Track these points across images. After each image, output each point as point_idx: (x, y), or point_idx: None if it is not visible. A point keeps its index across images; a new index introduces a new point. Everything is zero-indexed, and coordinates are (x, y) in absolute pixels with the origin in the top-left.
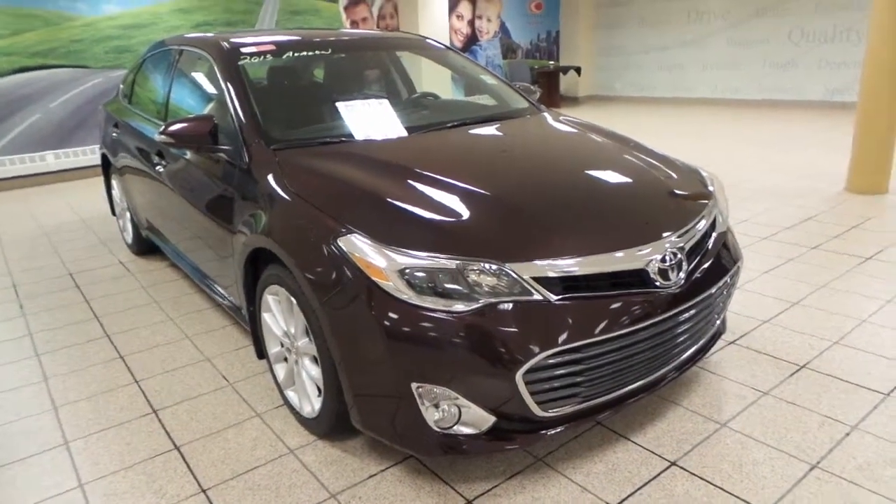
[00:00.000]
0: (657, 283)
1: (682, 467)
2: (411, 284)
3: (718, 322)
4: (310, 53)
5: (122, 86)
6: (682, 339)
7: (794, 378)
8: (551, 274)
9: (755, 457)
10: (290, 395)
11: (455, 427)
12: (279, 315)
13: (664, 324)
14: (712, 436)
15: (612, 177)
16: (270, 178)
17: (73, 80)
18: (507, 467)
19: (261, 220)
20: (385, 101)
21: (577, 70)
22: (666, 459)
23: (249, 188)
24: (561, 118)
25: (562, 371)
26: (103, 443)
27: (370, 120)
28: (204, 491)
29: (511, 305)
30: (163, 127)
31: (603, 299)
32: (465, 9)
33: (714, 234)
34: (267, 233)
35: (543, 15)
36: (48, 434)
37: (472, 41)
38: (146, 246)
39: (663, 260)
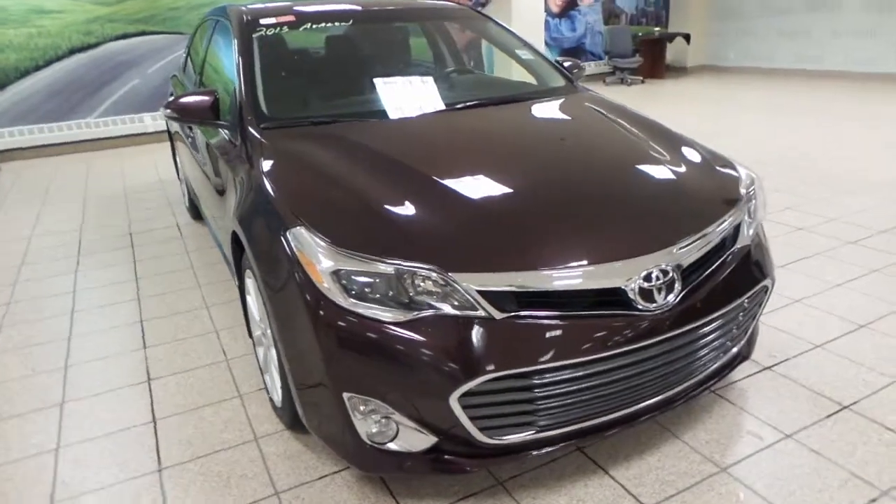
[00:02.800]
0: (638, 306)
1: None
2: (346, 288)
3: (736, 348)
4: (333, 25)
5: (183, 54)
6: (675, 368)
7: (831, 421)
8: (500, 288)
9: None
10: (267, 379)
11: (391, 444)
12: (255, 299)
13: (645, 351)
14: (705, 481)
15: (613, 175)
16: (251, 158)
17: (169, 47)
18: (463, 488)
19: (239, 203)
20: (399, 78)
21: (686, 37)
22: (640, 503)
23: (238, 167)
24: (591, 100)
25: (508, 398)
26: (92, 408)
27: (374, 98)
28: (160, 471)
29: (451, 320)
30: (168, 100)
31: (563, 321)
32: None
33: (734, 248)
34: (238, 217)
35: None
36: (52, 393)
37: (570, 6)
38: (197, 210)
39: (647, 278)
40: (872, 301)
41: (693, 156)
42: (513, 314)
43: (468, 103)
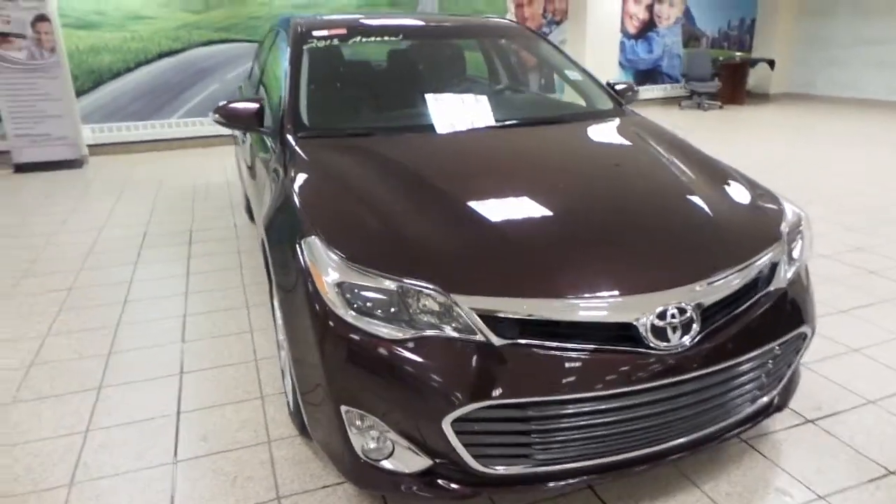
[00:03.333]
0: (649, 344)
1: None
2: (349, 302)
3: (767, 397)
4: (384, 39)
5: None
6: (692, 413)
7: (873, 486)
8: (502, 313)
9: None
10: (286, 383)
11: (385, 462)
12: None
13: (655, 393)
14: None
15: (642, 205)
16: (286, 166)
17: (248, 54)
18: None
19: (268, 209)
20: (440, 94)
21: (770, 63)
22: None
23: (275, 174)
24: (635, 124)
25: (504, 428)
26: (124, 395)
27: (413, 113)
28: (175, 463)
29: (449, 342)
30: (217, 106)
31: (566, 353)
32: None
33: (767, 290)
34: (265, 222)
35: (738, 0)
36: (92, 378)
37: (648, 27)
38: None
39: (661, 316)
40: None
41: (735, 190)
42: (513, 342)
43: (506, 122)
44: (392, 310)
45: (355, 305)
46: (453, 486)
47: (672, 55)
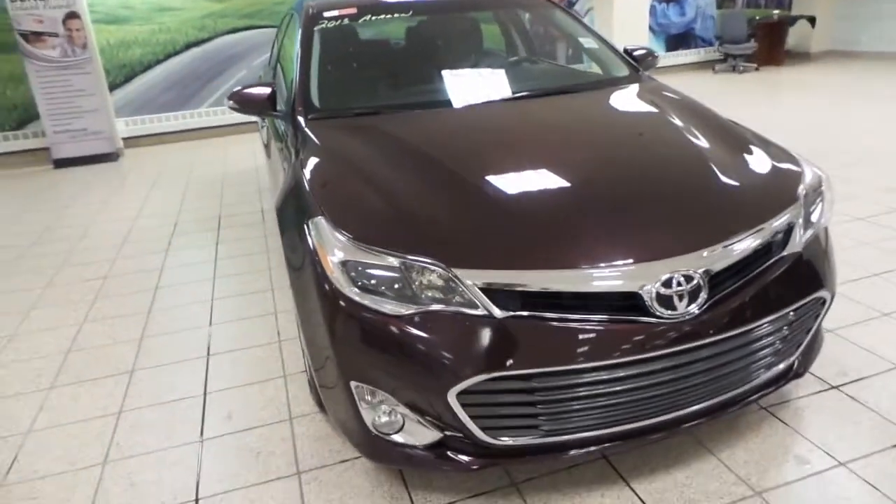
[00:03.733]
0: (655, 313)
1: None
2: (353, 279)
3: (784, 364)
4: (394, 16)
5: None
6: (704, 381)
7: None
8: (502, 286)
9: None
10: (307, 361)
11: (396, 435)
12: None
13: (664, 361)
14: None
15: (651, 172)
16: (296, 150)
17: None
18: (476, 484)
19: (281, 191)
20: (449, 69)
21: (811, 20)
22: None
23: (287, 157)
24: (651, 90)
25: (510, 399)
26: (154, 378)
27: (422, 89)
28: (202, 441)
29: (452, 316)
30: (231, 91)
31: (569, 324)
32: None
33: (781, 255)
34: (277, 204)
35: None
36: (125, 361)
37: None
38: None
39: (667, 284)
40: None
41: (751, 153)
42: (515, 314)
43: (517, 94)
44: (396, 286)
45: (360, 283)
46: (463, 457)
47: (706, 17)
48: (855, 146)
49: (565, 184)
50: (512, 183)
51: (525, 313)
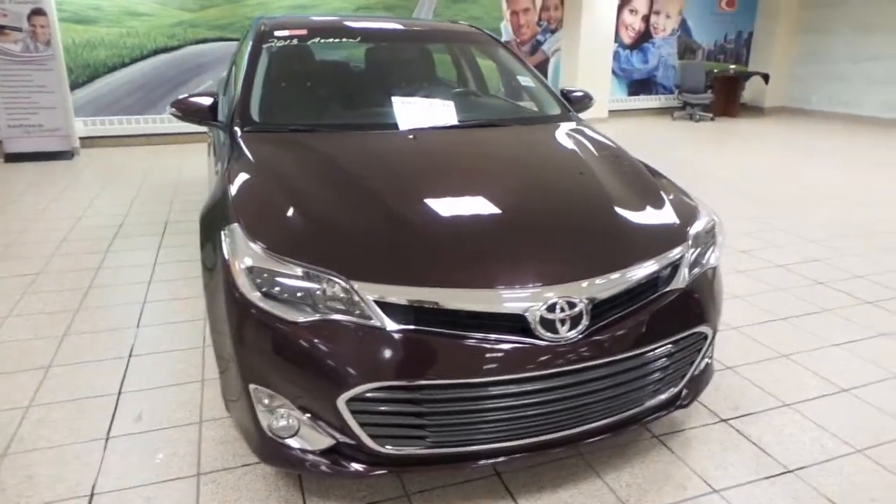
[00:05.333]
0: (539, 336)
1: None
2: (257, 285)
3: (666, 394)
4: (341, 41)
5: None
6: (583, 404)
7: (768, 482)
8: (396, 300)
9: None
10: None
11: (291, 439)
12: None
13: (545, 381)
14: None
15: (551, 204)
16: (227, 160)
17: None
18: (369, 493)
19: (207, 200)
20: (385, 95)
21: (765, 77)
22: None
23: (219, 167)
24: (577, 131)
25: (397, 409)
26: (70, 375)
27: (355, 112)
28: (107, 439)
29: (346, 326)
30: (174, 99)
31: (456, 340)
32: (640, 3)
33: (664, 290)
34: (202, 212)
35: (736, 13)
36: (42, 357)
37: (644, 38)
38: None
39: (551, 309)
40: (866, 365)
41: (651, 194)
42: (406, 327)
43: (448, 123)
44: (299, 294)
45: (264, 289)
46: (354, 464)
47: (667, 66)
48: (789, 196)
49: (472, 209)
50: (421, 205)
51: (416, 327)
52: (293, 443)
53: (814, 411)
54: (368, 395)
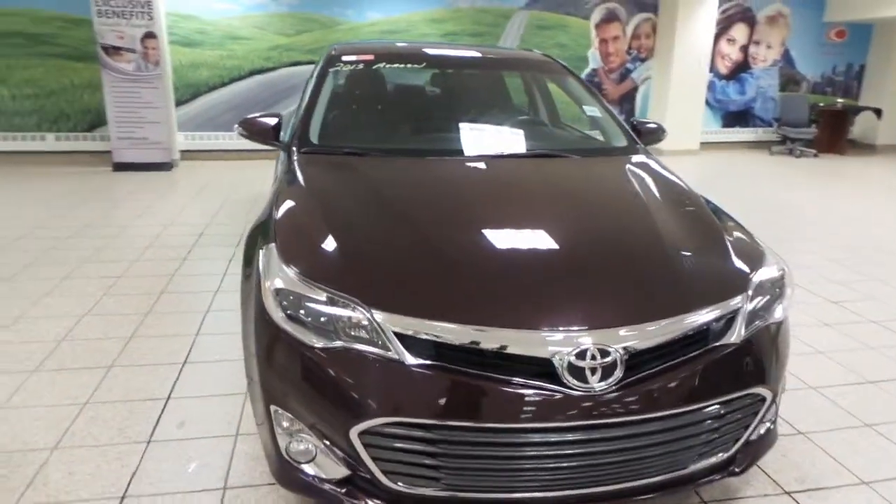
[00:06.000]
0: (567, 384)
1: None
2: (283, 306)
3: (715, 458)
4: (407, 66)
5: None
6: (618, 459)
7: None
8: (414, 333)
9: None
10: None
11: (307, 465)
12: None
13: (572, 433)
14: None
15: (599, 245)
16: (281, 179)
17: None
18: None
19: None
20: (445, 122)
21: (877, 112)
22: None
23: (274, 186)
24: (641, 165)
25: (411, 447)
26: (127, 376)
27: (411, 137)
28: (148, 442)
29: (365, 357)
30: (241, 119)
31: (476, 381)
32: (739, 32)
33: (716, 343)
34: (250, 230)
35: (845, 45)
36: (107, 357)
37: (742, 68)
38: None
39: (581, 356)
40: None
41: (713, 241)
42: (425, 363)
43: (506, 153)
44: (322, 319)
45: (289, 311)
46: (366, 498)
47: (766, 98)
48: (886, 247)
49: (511, 245)
50: (460, 238)
51: (435, 363)
52: (309, 469)
53: (894, 492)
54: (382, 429)
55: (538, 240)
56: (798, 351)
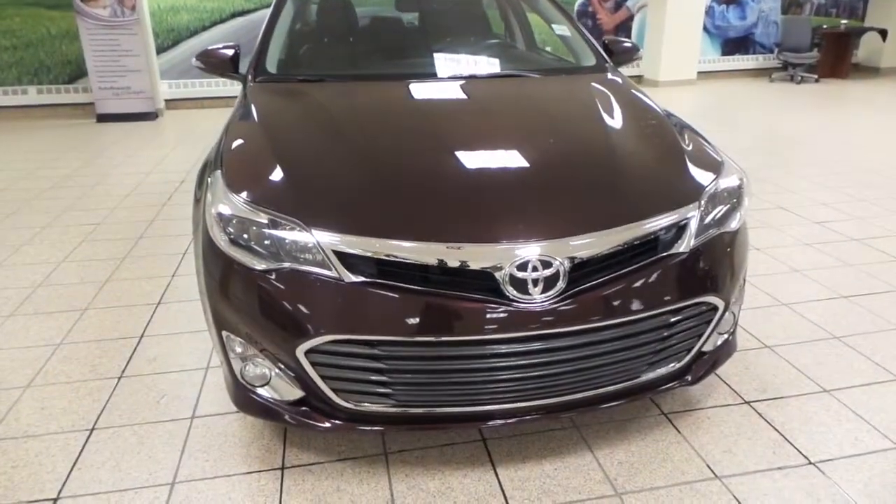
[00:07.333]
0: (509, 296)
1: None
2: (227, 232)
3: (666, 368)
4: None
5: None
6: (567, 369)
7: (781, 473)
8: (352, 251)
9: None
10: None
11: (262, 388)
12: None
13: (516, 344)
14: (590, 501)
15: (548, 159)
16: (235, 110)
17: None
18: (348, 449)
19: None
20: (408, 46)
21: (882, 33)
22: None
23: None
24: (605, 82)
25: (357, 364)
26: (102, 318)
27: (369, 61)
28: (119, 377)
29: (306, 276)
30: (199, 51)
31: (417, 296)
32: None
33: (665, 253)
34: (203, 163)
35: None
36: (82, 300)
37: None
38: None
39: (522, 267)
40: None
41: (670, 152)
42: (364, 280)
43: (467, 74)
44: (266, 242)
45: (233, 237)
46: (317, 417)
47: (768, 22)
48: (891, 167)
49: (459, 162)
50: (405, 156)
51: (376, 280)
52: (264, 392)
53: (855, 400)
54: (327, 347)
55: (489, 157)
56: (774, 270)
